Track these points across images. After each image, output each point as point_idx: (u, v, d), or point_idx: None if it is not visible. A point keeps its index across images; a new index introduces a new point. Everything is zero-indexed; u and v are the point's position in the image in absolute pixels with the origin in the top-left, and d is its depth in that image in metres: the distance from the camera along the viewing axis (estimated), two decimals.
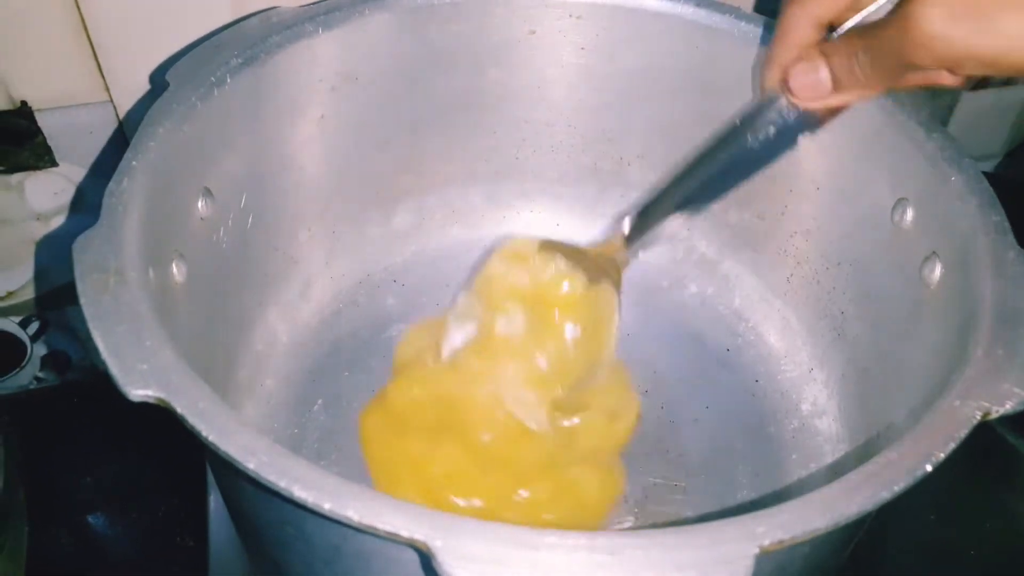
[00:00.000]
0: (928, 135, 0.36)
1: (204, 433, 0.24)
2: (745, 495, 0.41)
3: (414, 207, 0.49)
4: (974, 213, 0.33)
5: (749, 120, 0.33)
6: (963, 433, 0.25)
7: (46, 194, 0.48)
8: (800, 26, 0.30)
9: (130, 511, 0.50)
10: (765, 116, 0.33)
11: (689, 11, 0.42)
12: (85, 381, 0.55)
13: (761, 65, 0.33)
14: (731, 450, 0.42)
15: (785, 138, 0.32)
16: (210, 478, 0.44)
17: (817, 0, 0.29)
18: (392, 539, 0.22)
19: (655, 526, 0.39)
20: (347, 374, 0.44)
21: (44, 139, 0.46)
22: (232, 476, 0.29)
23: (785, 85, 0.31)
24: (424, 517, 0.22)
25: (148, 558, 0.48)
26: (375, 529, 0.22)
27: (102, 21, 0.42)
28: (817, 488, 0.39)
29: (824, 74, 0.29)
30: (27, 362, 0.53)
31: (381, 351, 0.45)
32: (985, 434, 0.26)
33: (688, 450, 0.42)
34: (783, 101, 0.32)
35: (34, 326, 0.53)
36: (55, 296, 0.52)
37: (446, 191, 0.49)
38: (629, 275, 0.48)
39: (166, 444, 0.51)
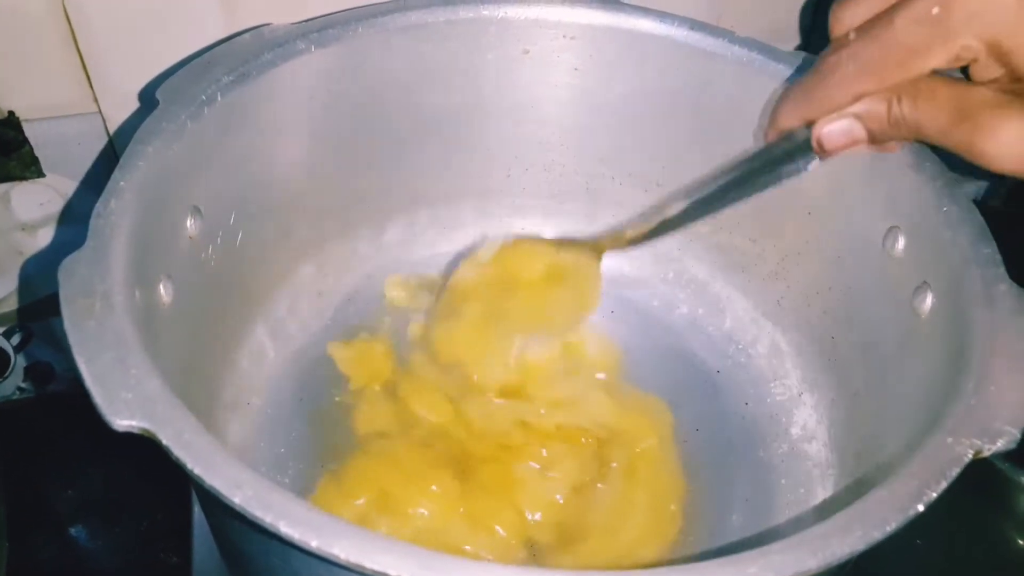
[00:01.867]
0: (921, 164, 0.36)
1: (189, 466, 0.24)
2: (734, 519, 0.41)
3: (405, 223, 0.49)
4: (965, 244, 0.33)
5: (762, 156, 0.33)
6: (955, 472, 0.25)
7: (32, 205, 0.48)
8: (841, 95, 0.28)
9: (113, 525, 0.49)
10: (776, 151, 0.33)
11: (683, 34, 0.42)
12: (69, 392, 0.55)
13: (778, 105, 0.32)
14: (720, 473, 0.42)
15: (792, 169, 0.32)
16: (194, 493, 0.44)
17: (862, 78, 0.28)
18: None
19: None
20: (335, 391, 0.44)
21: (31, 149, 0.46)
22: (217, 505, 0.28)
23: (814, 133, 0.30)
24: (412, 556, 0.22)
25: (130, 573, 0.48)
26: (362, 568, 0.22)
27: (91, 33, 0.42)
28: (805, 516, 0.40)
29: (858, 129, 0.28)
30: (10, 372, 0.52)
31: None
32: (975, 460, 0.26)
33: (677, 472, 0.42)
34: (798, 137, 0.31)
35: (17, 337, 0.53)
36: (40, 307, 0.52)
37: (437, 208, 0.49)
38: (620, 295, 0.49)
39: (150, 458, 0.50)
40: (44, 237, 0.49)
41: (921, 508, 0.24)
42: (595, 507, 0.40)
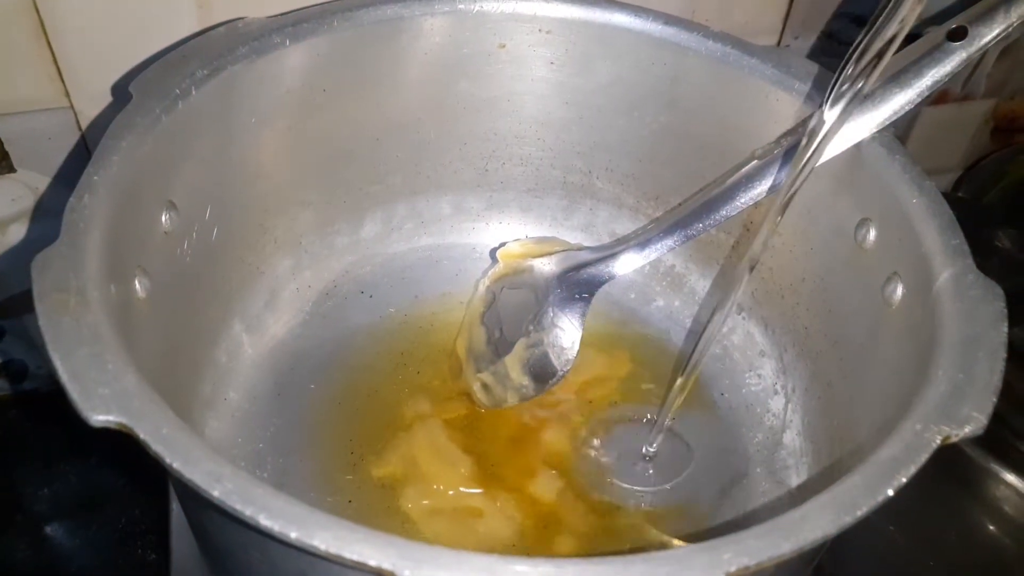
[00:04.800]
0: (891, 157, 0.37)
1: (168, 460, 0.23)
2: (710, 508, 0.41)
3: (382, 217, 0.49)
4: (934, 235, 0.33)
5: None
6: (924, 457, 0.26)
7: (3, 201, 0.47)
8: None
9: (89, 524, 0.49)
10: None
11: (658, 28, 0.42)
12: (42, 390, 0.54)
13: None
14: (696, 462, 0.43)
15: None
16: (172, 489, 0.44)
17: None
18: (359, 568, 0.22)
19: (625, 545, 0.40)
20: (313, 387, 0.44)
21: (1, 144, 0.45)
22: (196, 499, 0.28)
23: None
24: (392, 547, 0.22)
25: (108, 571, 0.48)
26: (342, 559, 0.22)
27: (62, 27, 0.41)
28: (780, 503, 0.41)
29: None
30: None
31: (347, 363, 0.45)
32: (945, 447, 0.27)
33: (654, 461, 0.43)
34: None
35: None
36: (12, 304, 0.51)
37: (414, 201, 0.49)
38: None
39: (126, 454, 0.50)
40: (15, 233, 0.49)
41: (891, 492, 0.25)
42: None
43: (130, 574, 0.47)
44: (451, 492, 0.40)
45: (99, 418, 0.24)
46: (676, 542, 0.39)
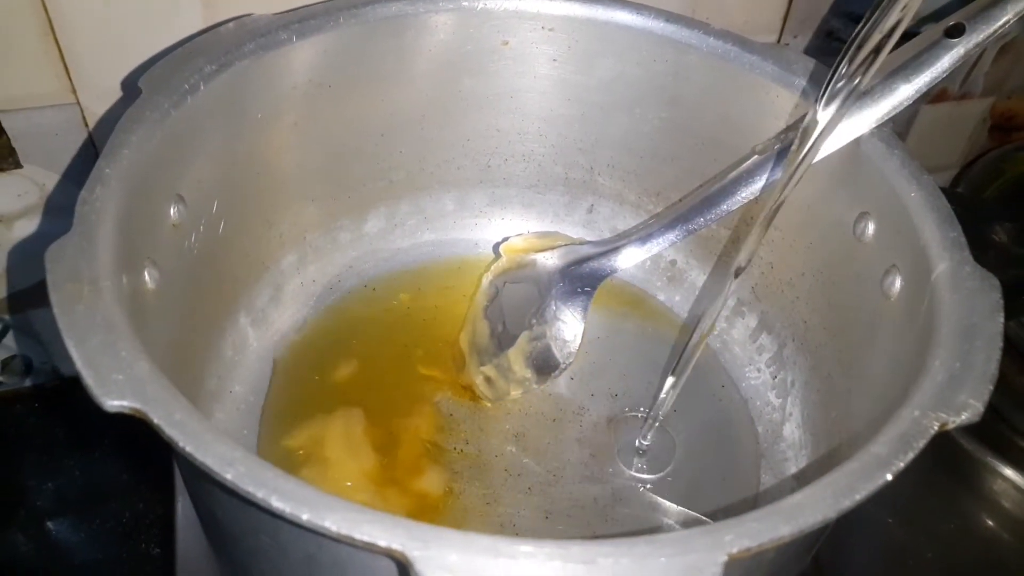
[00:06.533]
0: (890, 152, 0.37)
1: (181, 444, 0.24)
2: (711, 498, 0.42)
3: (386, 213, 0.49)
4: (932, 229, 0.34)
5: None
6: (921, 443, 0.26)
7: (10, 196, 0.48)
8: None
9: (93, 518, 0.49)
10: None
11: (659, 25, 0.43)
12: (46, 385, 0.55)
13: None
14: (697, 454, 0.43)
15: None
16: (178, 483, 0.44)
17: None
18: (369, 549, 0.22)
19: (625, 530, 0.40)
20: (317, 379, 0.44)
21: (8, 140, 0.45)
22: (205, 485, 0.29)
23: None
24: (401, 527, 0.22)
25: (112, 566, 0.48)
26: (352, 540, 0.22)
27: (69, 23, 0.42)
28: (781, 494, 0.41)
29: None
30: None
31: (351, 356, 0.45)
32: (941, 439, 0.27)
33: (656, 453, 0.43)
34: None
35: None
36: (17, 299, 0.51)
37: (418, 197, 0.50)
38: None
39: (130, 449, 0.50)
40: (21, 229, 0.49)
41: (889, 478, 0.25)
42: None
43: (134, 568, 0.47)
44: (348, 483, 0.40)
45: (114, 403, 0.24)
46: None
